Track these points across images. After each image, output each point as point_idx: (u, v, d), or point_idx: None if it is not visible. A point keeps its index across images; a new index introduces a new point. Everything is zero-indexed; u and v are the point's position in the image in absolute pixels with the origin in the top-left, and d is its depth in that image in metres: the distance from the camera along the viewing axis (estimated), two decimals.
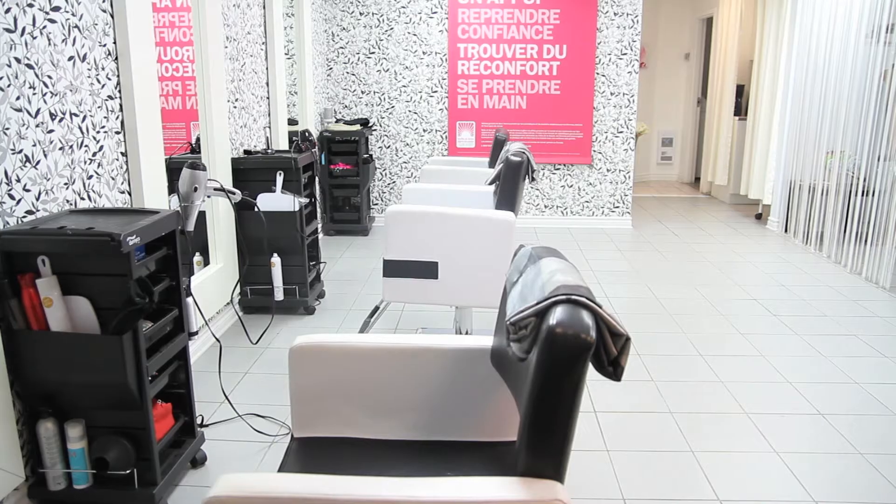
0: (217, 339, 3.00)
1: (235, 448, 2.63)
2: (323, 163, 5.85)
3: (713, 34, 8.33)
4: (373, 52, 6.23)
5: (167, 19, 3.77)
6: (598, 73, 6.29)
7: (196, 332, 2.51)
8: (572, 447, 2.69)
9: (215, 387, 3.04)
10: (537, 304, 1.14)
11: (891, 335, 3.90)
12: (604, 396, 3.08)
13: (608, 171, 6.48)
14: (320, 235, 5.24)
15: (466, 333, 3.52)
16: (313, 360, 1.75)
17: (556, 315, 1.09)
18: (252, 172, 3.87)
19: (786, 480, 2.49)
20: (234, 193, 2.92)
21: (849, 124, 5.38)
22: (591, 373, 1.21)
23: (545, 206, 6.56)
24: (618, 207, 6.56)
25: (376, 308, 3.43)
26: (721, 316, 4.16)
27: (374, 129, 6.38)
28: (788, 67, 6.31)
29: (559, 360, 1.07)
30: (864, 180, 5.16)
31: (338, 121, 6.24)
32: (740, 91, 7.92)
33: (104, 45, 2.55)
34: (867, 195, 5.12)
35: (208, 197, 3.01)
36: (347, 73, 6.28)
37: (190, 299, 2.43)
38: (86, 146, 2.44)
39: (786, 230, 6.39)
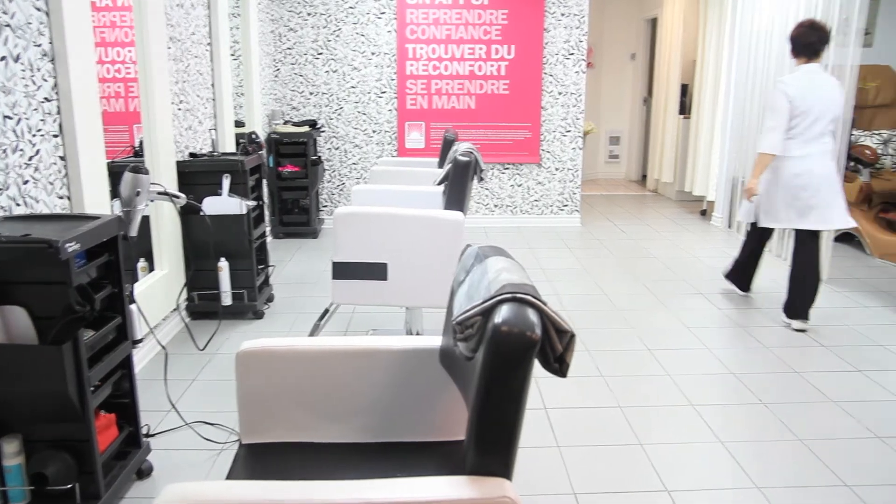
0: (163, 347, 2.94)
1: (183, 457, 2.58)
2: (271, 165, 5.78)
3: (657, 35, 8.49)
4: (321, 53, 6.18)
5: (108, 19, 3.67)
6: (545, 73, 6.36)
7: (141, 340, 2.45)
8: (522, 444, 2.71)
9: (162, 395, 2.98)
10: (483, 303, 1.15)
11: (827, 325, 4.03)
12: (554, 393, 3.11)
13: (556, 169, 6.55)
14: (269, 238, 5.18)
15: (417, 334, 3.52)
16: (260, 365, 1.73)
17: (502, 313, 1.09)
18: (198, 175, 3.80)
19: (730, 468, 2.55)
20: (178, 197, 2.86)
21: None
22: (542, 370, 1.22)
23: (495, 206, 6.60)
24: (566, 206, 6.63)
25: (326, 311, 3.40)
26: (668, 310, 4.24)
27: (323, 131, 6.33)
28: (730, 67, 6.47)
29: (505, 357, 1.07)
30: None
31: (286, 122, 6.17)
32: (684, 90, 8.08)
33: (39, 46, 2.47)
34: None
35: (151, 201, 2.95)
36: (295, 74, 6.22)
37: (134, 306, 2.38)
38: (21, 150, 2.36)
39: (729, 225, 6.55)
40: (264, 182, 4.51)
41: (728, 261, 4.79)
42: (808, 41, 3.93)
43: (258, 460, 1.68)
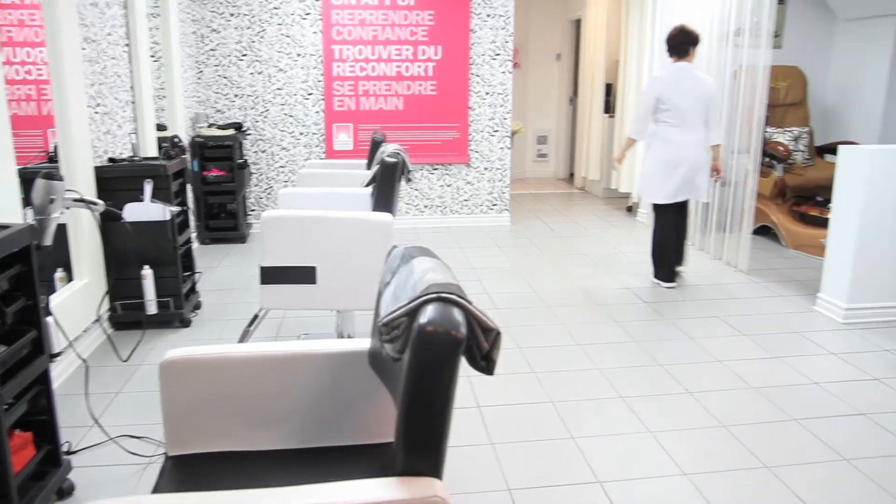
0: (83, 360, 2.83)
1: (108, 473, 2.49)
2: (195, 169, 5.65)
3: (582, 35, 8.66)
4: (245, 55, 6.07)
5: (15, 17, 3.52)
6: (472, 74, 6.40)
7: (59, 354, 2.36)
8: (457, 443, 2.73)
9: (83, 410, 2.87)
10: (408, 303, 1.15)
11: (747, 315, 4.19)
12: (486, 391, 3.14)
13: (485, 169, 6.61)
14: (195, 244, 5.06)
15: (349, 337, 3.49)
16: (186, 374, 1.69)
17: (427, 314, 1.10)
18: (118, 181, 3.68)
19: (659, 457, 2.63)
20: (95, 204, 2.77)
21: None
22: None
23: (425, 206, 6.61)
24: (496, 205, 6.70)
25: (255, 316, 3.35)
26: (596, 305, 4.33)
27: (249, 134, 6.22)
28: (651, 67, 6.65)
29: (431, 357, 1.08)
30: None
31: (210, 125, 6.03)
32: (609, 90, 8.27)
33: None
34: (725, 186, 5.48)
35: (67, 209, 2.84)
36: (219, 76, 6.09)
37: (50, 319, 2.29)
38: None
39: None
40: (189, 187, 4.41)
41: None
42: (678, 43, 4.55)
43: (185, 472, 1.64)
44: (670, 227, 4.72)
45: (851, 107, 6.69)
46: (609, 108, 8.23)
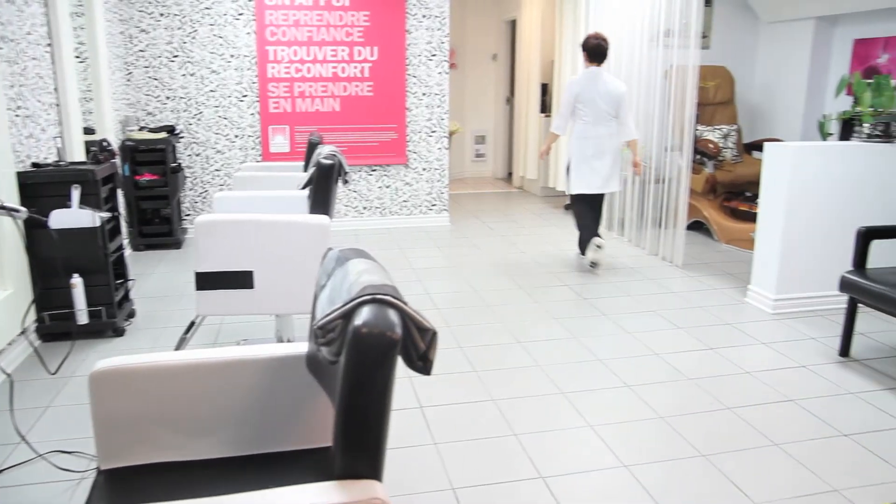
0: (7, 374, 2.72)
1: (38, 491, 2.40)
2: (127, 174, 5.49)
3: (517, 36, 8.74)
4: (176, 56, 5.93)
5: None
6: (409, 74, 6.40)
7: None
8: (399, 445, 2.72)
9: (9, 427, 2.76)
10: (343, 305, 1.14)
11: (683, 308, 4.30)
12: (428, 391, 3.14)
13: (424, 170, 6.62)
14: (127, 251, 4.92)
15: (288, 341, 3.45)
16: (118, 385, 1.64)
17: (362, 315, 1.09)
18: (43, 187, 3.55)
19: (600, 450, 2.67)
20: (17, 211, 2.66)
21: (640, 119, 5.87)
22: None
23: (364, 208, 6.58)
24: (435, 205, 6.71)
25: (192, 323, 3.28)
26: (536, 303, 4.38)
27: (182, 137, 6.08)
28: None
29: (367, 359, 1.07)
30: (656, 170, 5.65)
31: (141, 128, 5.88)
32: (545, 89, 8.38)
33: None
34: (659, 183, 5.61)
35: None
36: (149, 77, 5.93)
37: None
38: None
39: None
40: (119, 192, 4.28)
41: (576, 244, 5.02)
42: (601, 51, 5.04)
43: (119, 486, 1.60)
44: (588, 212, 5.25)
45: (776, 105, 6.94)
46: (545, 107, 8.34)
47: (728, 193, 6.27)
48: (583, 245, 5.23)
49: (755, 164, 5.99)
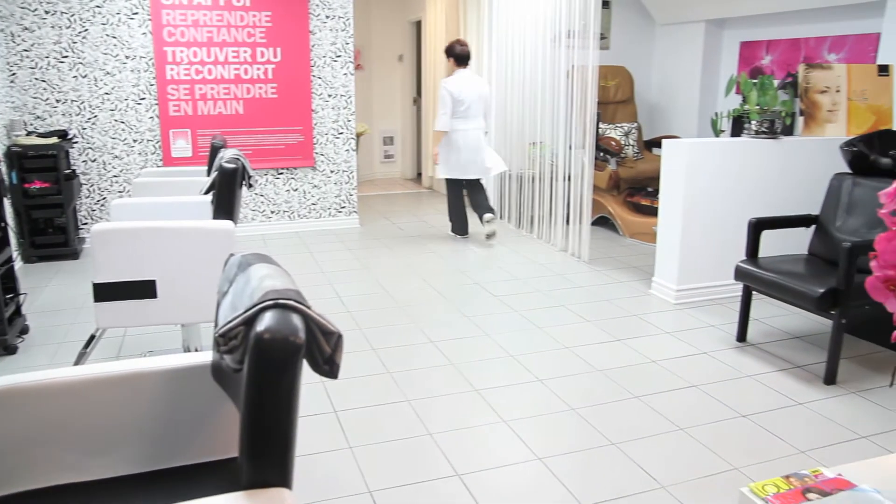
0: None
1: None
2: (14, 181, 5.19)
3: (422, 36, 8.77)
4: (66, 56, 5.65)
5: None
6: (314, 76, 6.32)
7: None
8: (314, 451, 2.68)
9: None
10: (245, 312, 1.11)
11: (591, 302, 4.42)
12: (342, 395, 3.11)
13: (332, 172, 6.55)
14: (18, 264, 4.65)
15: (196, 350, 3.34)
16: (10, 405, 1.55)
17: (264, 321, 1.07)
18: None
19: (513, 445, 2.71)
20: None
21: (545, 118, 5.99)
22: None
23: (272, 212, 6.46)
24: (344, 207, 6.66)
25: (92, 337, 3.13)
26: (448, 302, 4.41)
27: (76, 142, 5.80)
28: (490, 67, 6.85)
29: (270, 365, 1.05)
30: (562, 167, 5.78)
31: (29, 133, 5.57)
32: None
33: None
34: (565, 180, 5.74)
35: None
36: (36, 79, 5.62)
37: None
38: None
39: (501, 216, 6.95)
40: (5, 201, 4.04)
41: (501, 249, 5.07)
42: (466, 56, 5.87)
43: None
44: (460, 196, 6.08)
45: (673, 103, 7.23)
46: None
47: (631, 189, 6.48)
48: (458, 227, 6.12)
49: (655, 161, 6.22)
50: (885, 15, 4.85)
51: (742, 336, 3.78)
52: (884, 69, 4.65)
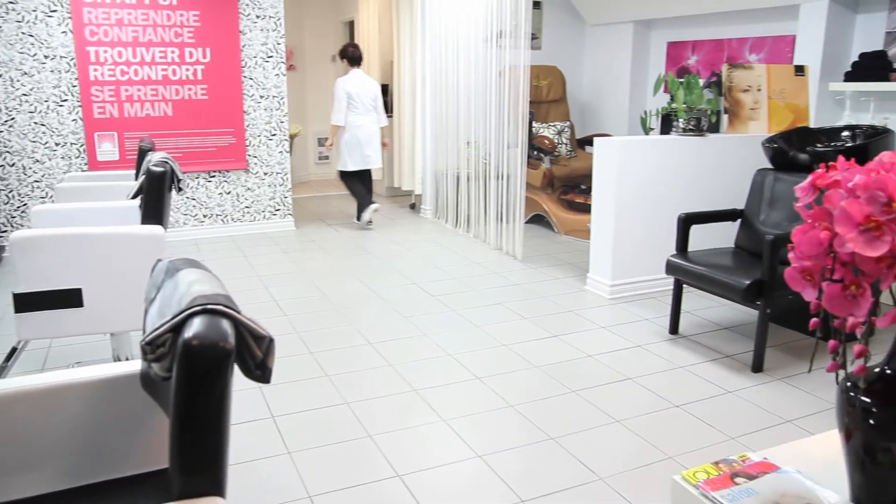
0: None
1: None
2: None
3: (356, 37, 8.70)
4: None
5: None
6: (245, 77, 6.21)
7: None
8: (251, 458, 2.64)
9: None
10: (172, 318, 1.08)
11: (527, 299, 4.47)
12: (280, 400, 3.07)
13: (266, 174, 6.45)
14: None
15: (127, 360, 3.24)
16: None
17: (193, 327, 1.04)
18: None
19: (454, 443, 2.72)
20: None
21: (478, 117, 6.03)
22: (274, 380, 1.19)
23: (204, 216, 6.31)
24: (279, 210, 6.56)
25: (14, 350, 3.00)
26: (385, 303, 4.39)
27: None
28: (424, 68, 6.86)
29: (199, 372, 1.03)
30: (497, 166, 5.83)
31: None
32: (385, 90, 8.40)
33: None
34: (499, 179, 5.79)
35: None
36: None
37: None
38: None
39: (435, 215, 6.97)
40: None
41: (438, 249, 5.08)
42: (357, 56, 6.54)
43: None
44: (360, 185, 6.61)
45: (604, 102, 7.37)
46: (387, 108, 8.36)
47: (565, 187, 6.58)
48: (361, 211, 6.58)
49: (588, 159, 6.33)
50: (800, 18, 5.06)
51: (674, 328, 3.88)
52: (800, 69, 4.84)
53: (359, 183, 6.61)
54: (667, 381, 3.29)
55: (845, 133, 4.01)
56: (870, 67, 4.67)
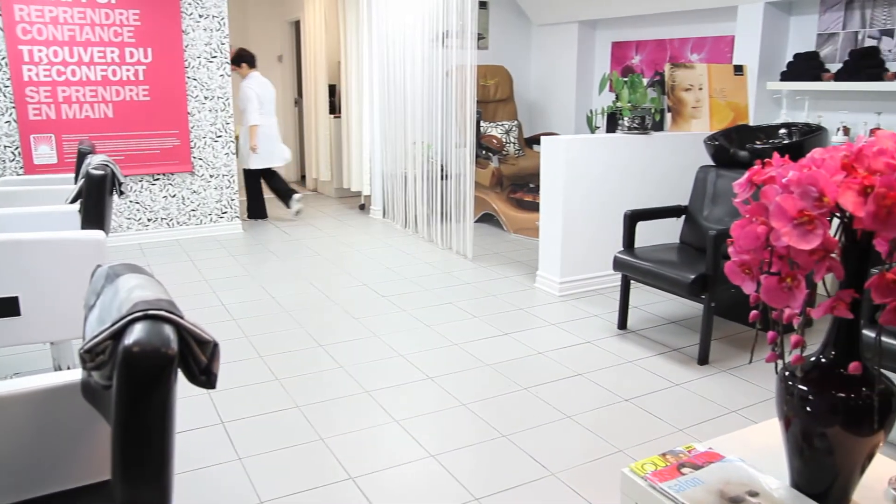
0: None
1: None
2: None
3: (302, 37, 8.63)
4: None
5: None
6: (189, 77, 6.09)
7: None
8: (201, 465, 2.59)
9: None
10: (112, 325, 1.06)
11: (478, 298, 4.49)
12: (229, 405, 3.02)
13: (212, 176, 6.34)
14: None
15: (69, 369, 3.15)
16: None
17: (134, 334, 1.02)
18: None
19: (406, 444, 2.71)
20: None
21: (427, 117, 6.03)
22: (217, 384, 1.16)
23: (149, 220, 6.17)
24: (226, 213, 6.45)
25: None
26: (336, 305, 4.36)
27: None
28: (371, 68, 6.83)
29: (141, 379, 1.00)
30: (446, 166, 5.84)
31: None
32: (332, 90, 8.35)
33: None
34: (448, 179, 5.80)
35: None
36: None
37: None
38: None
39: (385, 216, 6.95)
40: None
41: (388, 249, 5.07)
42: (250, 59, 6.77)
43: None
44: (275, 181, 6.99)
45: (551, 101, 7.45)
46: (334, 108, 8.32)
47: (513, 185, 6.63)
48: (258, 211, 7.03)
49: (536, 157, 6.39)
50: (738, 19, 5.20)
51: (623, 324, 3.95)
52: (739, 69, 4.97)
53: (273, 179, 6.99)
54: (616, 375, 3.35)
55: (782, 130, 4.13)
56: (804, 67, 4.83)
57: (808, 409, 1.21)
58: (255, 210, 7.06)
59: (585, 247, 4.59)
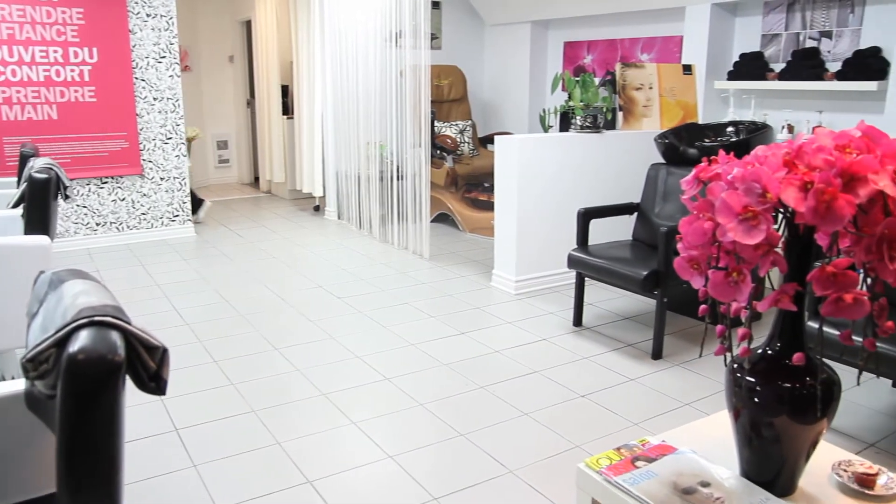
0: None
1: None
2: None
3: (253, 36, 8.52)
4: None
5: None
6: (137, 78, 5.96)
7: None
8: (154, 473, 2.54)
9: None
10: (56, 332, 1.02)
11: (434, 298, 4.49)
12: (183, 411, 2.96)
13: (162, 179, 6.21)
14: None
15: (12, 379, 3.06)
16: None
17: (78, 341, 0.99)
18: None
19: (364, 446, 2.70)
20: None
21: (380, 117, 6.01)
22: (169, 390, 1.14)
23: (97, 224, 6.02)
24: (178, 216, 6.34)
25: None
26: (291, 308, 4.32)
27: None
28: (324, 68, 6.78)
29: (86, 387, 0.98)
30: (400, 166, 5.83)
31: None
32: (285, 91, 8.26)
33: None
34: (403, 179, 5.79)
35: None
36: None
37: None
38: None
39: (339, 217, 6.91)
40: None
41: (343, 251, 5.03)
42: None
43: None
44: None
45: (504, 101, 7.50)
46: (287, 109, 8.23)
47: (468, 185, 6.65)
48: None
49: (490, 157, 6.42)
50: (686, 20, 5.30)
51: (578, 321, 3.99)
52: (687, 69, 5.07)
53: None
54: (572, 372, 3.38)
55: (730, 129, 4.22)
56: (749, 67, 4.95)
57: (756, 399, 1.24)
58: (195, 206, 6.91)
59: (540, 245, 4.62)
